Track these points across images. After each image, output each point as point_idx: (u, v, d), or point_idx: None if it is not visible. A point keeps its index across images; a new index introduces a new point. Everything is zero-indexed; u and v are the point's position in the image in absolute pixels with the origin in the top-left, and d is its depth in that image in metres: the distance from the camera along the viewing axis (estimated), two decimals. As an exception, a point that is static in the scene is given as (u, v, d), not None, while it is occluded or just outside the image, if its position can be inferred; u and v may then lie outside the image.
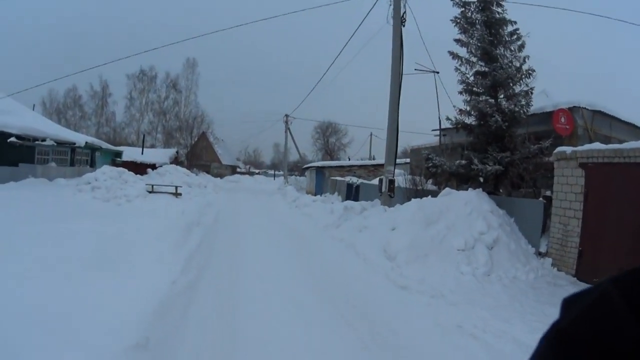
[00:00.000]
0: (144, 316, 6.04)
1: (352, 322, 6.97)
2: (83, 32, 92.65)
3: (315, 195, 39.20)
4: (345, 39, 35.79)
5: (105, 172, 22.50)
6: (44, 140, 24.00)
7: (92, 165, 30.54)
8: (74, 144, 27.84)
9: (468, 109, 16.48)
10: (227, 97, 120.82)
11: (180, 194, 21.30)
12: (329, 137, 78.31)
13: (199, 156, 60.90)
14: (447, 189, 15.20)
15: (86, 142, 28.96)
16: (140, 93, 66.56)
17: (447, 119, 17.36)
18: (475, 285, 9.63)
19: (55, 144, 24.98)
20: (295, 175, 65.82)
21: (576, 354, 0.57)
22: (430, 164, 17.38)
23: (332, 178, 36.46)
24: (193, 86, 65.93)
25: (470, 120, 16.59)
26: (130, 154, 39.28)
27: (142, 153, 43.28)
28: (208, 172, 64.15)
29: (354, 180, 30.94)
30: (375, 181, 27.58)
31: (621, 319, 0.56)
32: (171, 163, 42.78)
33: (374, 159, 52.96)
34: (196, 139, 60.08)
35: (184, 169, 38.89)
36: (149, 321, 5.93)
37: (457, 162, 17.04)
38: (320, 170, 41.91)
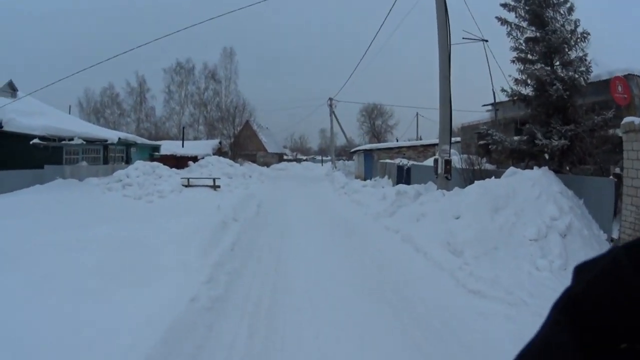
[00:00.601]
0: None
1: (420, 343, 5.58)
2: (117, 30, 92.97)
3: (364, 179, 37.76)
4: (385, 16, 33.54)
5: (138, 167, 21.29)
6: (71, 139, 22.92)
7: (128, 162, 29.51)
8: (106, 141, 26.79)
9: (524, 78, 15.03)
10: (268, 85, 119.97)
11: (218, 187, 19.81)
12: (374, 119, 76.96)
13: (244, 146, 59.53)
14: (511, 168, 13.35)
15: (119, 139, 27.87)
16: (179, 86, 66.07)
17: (502, 90, 16.18)
18: (554, 282, 7.86)
19: (84, 142, 23.87)
20: (344, 160, 63.95)
21: (588, 318, 0.57)
22: (490, 140, 15.37)
23: (381, 161, 34.49)
24: (232, 75, 65.17)
25: (527, 91, 14.98)
26: (169, 147, 38.30)
27: (183, 146, 42.27)
28: (254, 162, 62.59)
29: (405, 162, 28.90)
30: (428, 162, 25.61)
31: (631, 284, 0.56)
32: (214, 154, 41.53)
33: (420, 139, 51.56)
34: (239, 129, 58.88)
35: (227, 160, 37.51)
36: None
37: (518, 137, 15.22)
38: (368, 153, 39.99)
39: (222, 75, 65.31)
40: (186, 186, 19.83)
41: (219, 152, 45.84)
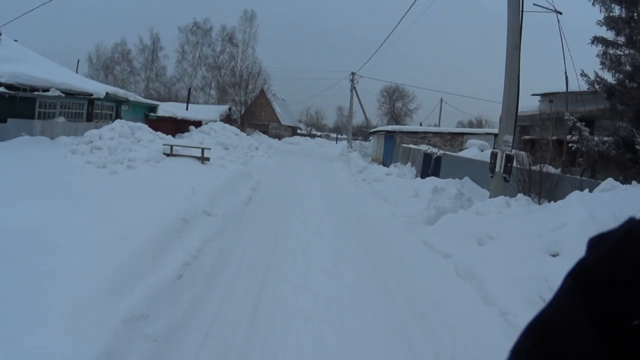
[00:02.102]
0: None
1: None
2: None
3: (382, 164, 34.39)
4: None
5: (115, 127, 17.30)
6: (46, 90, 18.85)
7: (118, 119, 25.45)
8: (91, 95, 22.69)
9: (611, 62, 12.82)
10: (288, 56, 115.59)
11: (207, 159, 15.68)
12: (395, 101, 73.02)
13: (256, 115, 55.55)
14: (609, 180, 9.83)
15: (107, 93, 23.64)
16: (194, 46, 61.54)
17: (582, 74, 12.06)
18: None
19: (62, 94, 19.79)
20: (360, 140, 59.96)
21: (600, 290, 0.56)
22: (576, 137, 11.76)
23: (404, 145, 30.43)
24: (251, 40, 60.37)
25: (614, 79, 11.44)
26: (171, 109, 34.14)
27: (187, 109, 38.23)
28: (266, 133, 59.46)
29: (434, 150, 24.71)
30: (466, 153, 21.67)
31: None
32: (222, 121, 37.61)
33: (436, 126, 49.02)
34: (253, 97, 54.81)
35: (233, 128, 33.81)
36: None
37: (607, 138, 11.69)
38: (389, 135, 35.98)
39: (240, 39, 60.75)
40: (168, 155, 15.77)
41: (227, 119, 42.02)
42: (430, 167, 22.29)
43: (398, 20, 48.94)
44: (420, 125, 52.04)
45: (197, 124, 34.62)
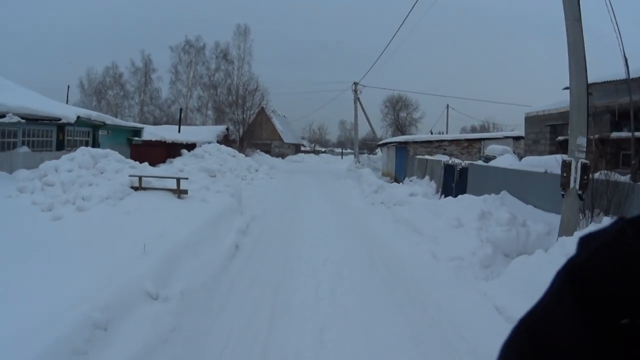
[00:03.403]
0: None
1: None
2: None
3: (394, 179, 31.52)
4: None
5: (75, 157, 14.00)
6: (2, 116, 15.76)
7: (95, 146, 22.25)
8: (59, 119, 19.56)
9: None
10: (286, 73, 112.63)
11: (184, 192, 12.24)
12: (399, 111, 71.57)
13: (257, 134, 52.45)
14: None
15: (78, 117, 20.51)
16: (187, 66, 59.29)
17: None
18: None
19: (22, 120, 16.66)
20: (367, 154, 56.68)
21: (590, 287, 0.57)
22: None
23: (420, 157, 27.19)
24: (246, 55, 58.26)
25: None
26: (161, 132, 31.09)
27: (179, 131, 35.08)
28: (268, 152, 56.33)
29: (457, 161, 21.34)
30: (499, 162, 18.22)
31: (635, 255, 0.56)
32: (219, 142, 34.71)
33: (441, 133, 46.46)
34: (253, 116, 51.75)
35: (230, 149, 30.78)
36: None
37: None
38: (401, 146, 32.78)
39: (235, 55, 58.62)
40: (137, 188, 12.40)
41: (225, 140, 38.87)
42: (453, 180, 18.97)
43: (396, 29, 45.91)
44: (431, 133, 49.13)
45: (191, 146, 31.37)
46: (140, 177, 12.58)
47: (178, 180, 12.37)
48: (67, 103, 37.89)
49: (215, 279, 7.05)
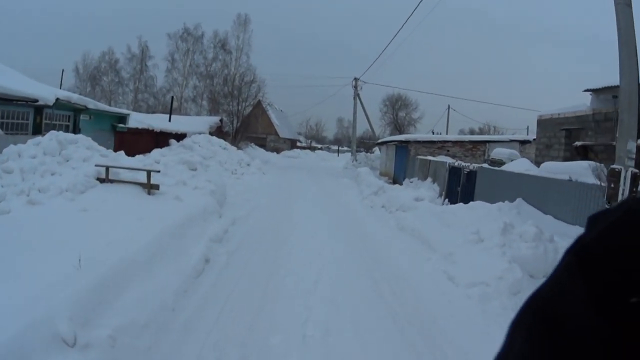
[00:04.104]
0: None
1: None
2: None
3: (394, 179, 30.13)
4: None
5: (42, 142, 12.30)
6: (-32, 94, 14.09)
7: (75, 132, 20.55)
8: (36, 101, 17.82)
9: None
10: (286, 67, 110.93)
11: (155, 187, 10.51)
12: (398, 110, 71.07)
13: (253, 127, 50.69)
14: None
15: (57, 99, 18.74)
16: (184, 55, 57.36)
17: None
18: None
19: (-7, 101, 15.01)
20: (365, 152, 55.08)
21: (599, 266, 0.56)
22: None
23: (422, 157, 25.61)
24: (245, 46, 56.47)
25: None
26: (150, 120, 29.34)
27: (170, 120, 33.37)
28: (264, 146, 55.07)
29: (464, 164, 19.68)
30: (512, 166, 16.47)
31: None
32: (212, 133, 33.26)
33: (439, 134, 44.49)
34: (249, 108, 50.05)
35: (221, 141, 29.16)
36: None
37: None
38: (402, 146, 31.19)
39: (234, 45, 56.77)
40: (102, 180, 10.71)
41: (218, 131, 37.21)
42: (459, 184, 17.37)
43: (399, 28, 44.36)
44: (432, 133, 47.63)
45: (181, 137, 29.93)
46: (107, 168, 10.86)
47: (149, 173, 10.65)
48: (60, 88, 36.15)
49: (168, 310, 5.30)
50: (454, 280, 7.58)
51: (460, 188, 17.18)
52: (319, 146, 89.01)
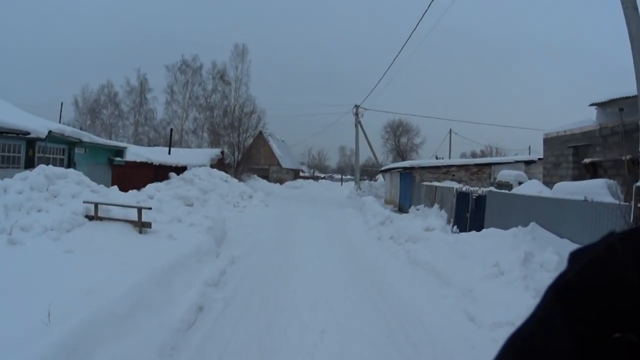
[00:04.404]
0: None
1: None
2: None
3: (399, 207, 29.69)
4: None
5: (29, 177, 11.63)
6: (-45, 125, 13.49)
7: (70, 166, 19.93)
8: (27, 133, 17.26)
9: None
10: (285, 98, 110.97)
11: (147, 225, 9.78)
12: (399, 136, 70.62)
13: (254, 158, 50.18)
14: None
15: (50, 132, 18.17)
16: (183, 87, 57.02)
17: None
18: None
19: (-23, 135, 14.40)
20: (368, 180, 54.39)
21: (581, 303, 0.55)
22: None
23: (427, 184, 24.93)
24: (244, 76, 55.82)
25: None
26: (149, 154, 28.83)
27: (170, 152, 32.84)
28: (266, 177, 54.43)
29: (472, 189, 18.89)
30: (524, 188, 15.84)
31: (626, 270, 0.55)
32: (213, 166, 32.54)
33: (440, 158, 43.26)
34: (250, 139, 49.61)
35: (222, 173, 28.46)
36: None
37: None
38: (407, 172, 30.55)
39: (232, 76, 56.28)
40: (92, 218, 10.00)
41: (219, 164, 36.57)
42: (468, 210, 16.60)
43: (398, 51, 44.10)
44: (436, 158, 47.08)
45: (182, 169, 29.25)
46: (96, 205, 10.14)
47: (139, 210, 9.91)
48: (60, 121, 35.84)
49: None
50: (475, 320, 6.77)
51: (469, 214, 16.45)
52: (322, 175, 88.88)
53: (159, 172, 27.82)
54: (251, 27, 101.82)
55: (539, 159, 28.67)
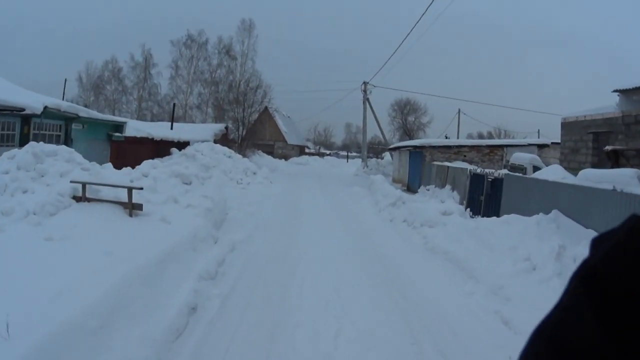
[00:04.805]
0: None
1: None
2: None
3: (408, 187, 28.53)
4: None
5: (17, 156, 10.76)
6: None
7: (67, 142, 19.06)
8: (22, 110, 16.38)
9: None
10: (292, 74, 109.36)
11: (138, 207, 8.88)
12: (407, 115, 69.93)
13: (259, 134, 49.22)
14: None
15: (46, 107, 17.24)
16: (188, 61, 56.19)
17: None
18: None
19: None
20: (376, 158, 53.45)
21: (607, 288, 0.55)
22: None
23: (437, 163, 24.08)
24: (250, 51, 55.01)
25: None
26: (150, 129, 27.92)
27: (172, 128, 31.97)
28: (271, 153, 53.61)
29: (488, 171, 17.84)
30: (549, 172, 14.79)
31: None
32: (216, 141, 31.79)
33: (447, 138, 43.35)
34: (256, 114, 48.60)
35: (225, 149, 27.59)
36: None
37: None
38: (417, 151, 29.55)
39: (239, 51, 55.44)
40: (79, 199, 9.13)
41: (224, 139, 35.77)
42: (482, 193, 15.65)
43: (408, 31, 42.91)
44: (446, 137, 45.98)
45: (184, 145, 28.55)
46: (83, 185, 9.25)
47: (130, 190, 8.99)
48: (63, 98, 35.05)
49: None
50: (509, 325, 5.89)
51: (483, 197, 15.53)
52: (328, 152, 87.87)
53: (160, 148, 27.09)
54: (259, 4, 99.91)
55: (553, 142, 27.75)
